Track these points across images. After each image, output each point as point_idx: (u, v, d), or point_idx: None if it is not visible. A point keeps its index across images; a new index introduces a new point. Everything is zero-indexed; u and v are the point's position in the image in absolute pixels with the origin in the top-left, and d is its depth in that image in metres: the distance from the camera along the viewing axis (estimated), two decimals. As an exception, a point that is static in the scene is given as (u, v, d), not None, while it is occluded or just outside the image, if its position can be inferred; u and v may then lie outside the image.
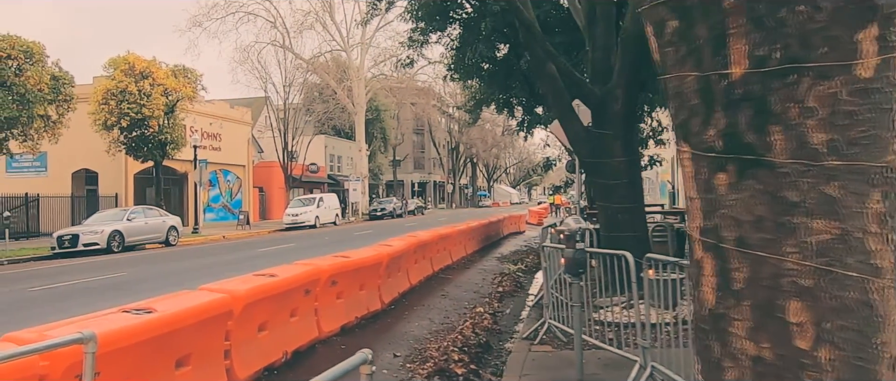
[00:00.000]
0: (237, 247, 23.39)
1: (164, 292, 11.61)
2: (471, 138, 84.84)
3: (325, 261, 7.86)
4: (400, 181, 75.73)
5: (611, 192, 9.78)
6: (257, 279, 6.30)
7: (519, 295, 11.86)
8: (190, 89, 28.21)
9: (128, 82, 25.80)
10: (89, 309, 9.91)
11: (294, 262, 7.76)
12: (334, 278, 7.74)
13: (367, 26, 50.21)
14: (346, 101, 50.74)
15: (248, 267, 15.42)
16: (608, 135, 9.77)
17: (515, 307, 10.60)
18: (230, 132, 41.24)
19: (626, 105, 9.75)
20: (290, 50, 47.14)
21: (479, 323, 8.82)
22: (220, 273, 14.29)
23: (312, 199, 40.12)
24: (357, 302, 8.62)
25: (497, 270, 15.22)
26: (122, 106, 25.79)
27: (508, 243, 23.30)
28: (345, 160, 60.30)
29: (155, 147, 27.77)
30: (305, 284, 7.03)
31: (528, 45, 10.25)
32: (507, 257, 17.88)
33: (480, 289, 12.23)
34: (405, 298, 10.77)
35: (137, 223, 23.37)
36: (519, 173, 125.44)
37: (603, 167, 9.83)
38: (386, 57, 52.63)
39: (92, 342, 3.22)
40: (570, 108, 10.50)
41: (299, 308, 6.98)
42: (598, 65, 10.14)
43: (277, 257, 18.17)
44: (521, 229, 29.82)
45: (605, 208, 9.92)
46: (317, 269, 7.33)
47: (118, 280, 13.98)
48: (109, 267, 16.76)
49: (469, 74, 24.49)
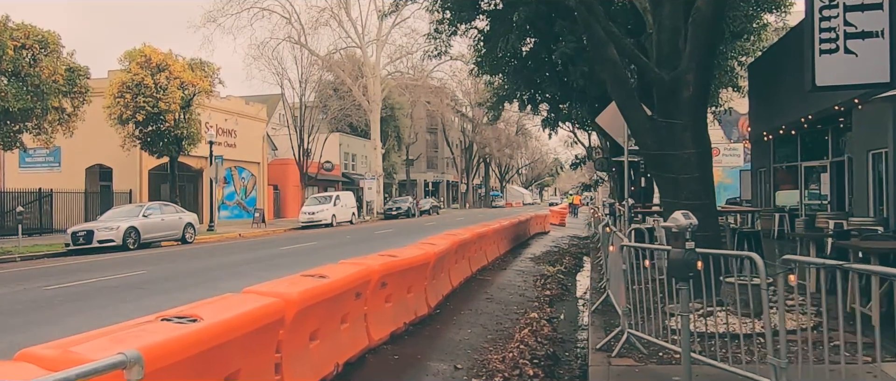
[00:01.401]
0: (256, 245, 22.63)
1: (190, 292, 10.88)
2: (485, 138, 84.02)
3: (375, 260, 7.02)
4: (413, 181, 75.06)
5: (679, 187, 8.90)
6: (307, 281, 5.47)
7: (567, 299, 11.01)
8: (207, 83, 27.47)
9: (144, 75, 25.07)
10: (110, 310, 9.20)
11: (339, 261, 6.93)
12: (384, 280, 6.92)
13: (382, 23, 49.60)
14: (362, 98, 49.98)
15: (275, 266, 14.67)
16: (677, 124, 8.89)
17: (569, 312, 9.75)
18: (245, 129, 40.54)
19: (698, 91, 8.89)
20: (306, 46, 46.42)
21: (538, 331, 7.98)
22: (247, 273, 13.52)
23: (329, 197, 39.36)
24: (405, 306, 7.79)
25: (535, 271, 14.37)
26: (138, 100, 25.07)
27: (536, 244, 22.42)
28: (359, 159, 59.56)
29: (170, 142, 27.03)
30: (357, 286, 6.20)
31: (588, 25, 9.37)
32: (542, 259, 17.01)
33: (525, 292, 11.38)
34: (449, 301, 9.93)
35: (154, 220, 22.65)
36: (531, 174, 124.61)
37: (670, 160, 8.96)
38: (402, 54, 52.01)
39: (137, 367, 2.39)
40: (632, 95, 9.64)
41: (350, 314, 6.16)
42: (664, 48, 9.24)
43: (302, 257, 17.40)
44: (546, 230, 28.92)
45: (673, 205, 9.00)
46: (368, 269, 6.50)
47: (138, 279, 13.21)
48: (127, 265, 16.01)
49: (496, 69, 23.68)
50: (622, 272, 6.70)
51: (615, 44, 9.20)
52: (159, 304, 9.57)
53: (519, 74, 22.78)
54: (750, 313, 7.43)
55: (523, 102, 25.47)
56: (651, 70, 9.02)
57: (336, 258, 16.95)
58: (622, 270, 6.68)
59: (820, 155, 18.25)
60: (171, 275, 13.91)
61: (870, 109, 14.07)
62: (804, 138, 18.93)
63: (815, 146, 18.62)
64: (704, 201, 8.94)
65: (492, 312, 9.40)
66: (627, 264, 6.66)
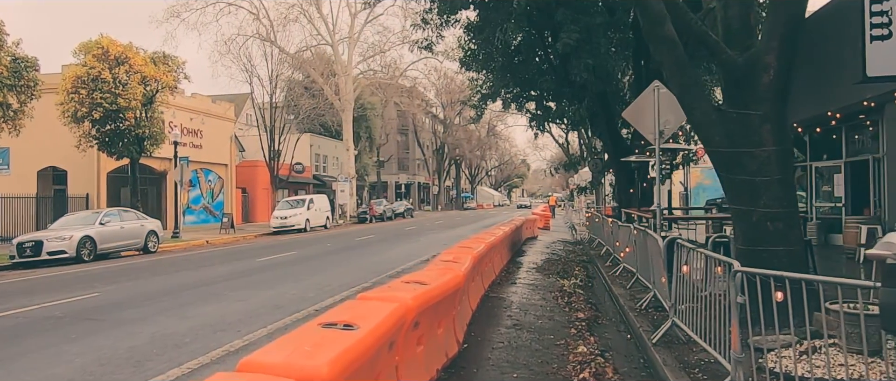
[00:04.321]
0: (228, 255, 20.62)
1: (154, 324, 8.66)
2: (456, 139, 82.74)
3: (404, 291, 5.28)
4: (384, 182, 73.28)
5: (757, 192, 7.35)
6: (333, 340, 3.72)
7: (605, 323, 9.37)
8: (171, 78, 25.31)
9: (101, 69, 22.86)
10: (49, 355, 6.87)
11: (359, 296, 5.16)
12: (418, 319, 5.20)
13: (354, 20, 47.73)
14: (334, 97, 48.01)
15: (255, 284, 12.68)
16: (753, 116, 7.34)
17: (617, 342, 8.11)
18: (212, 129, 38.30)
19: (780, 76, 7.33)
20: (275, 43, 44.29)
21: (601, 374, 6.35)
22: (224, 294, 11.56)
23: (302, 200, 37.38)
24: (436, 346, 6.08)
25: (548, 285, 12.74)
26: (95, 96, 22.85)
27: (531, 251, 20.83)
28: (331, 160, 57.55)
29: (131, 143, 24.82)
30: (391, 333, 4.47)
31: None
32: (547, 269, 15.39)
33: (552, 314, 9.72)
34: (472, 329, 8.24)
35: (112, 228, 20.49)
36: (500, 176, 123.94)
37: (744, 160, 7.40)
38: (374, 52, 50.22)
39: None
40: (696, 81, 8.06)
41: (382, 373, 4.42)
42: (732, 24, 7.69)
43: (284, 270, 15.54)
44: (535, 234, 27.35)
45: (746, 213, 7.47)
46: (403, 307, 4.78)
47: (90, 305, 11.08)
48: (79, 283, 13.93)
49: (484, 65, 22.13)
50: (737, 306, 5.05)
51: (676, 19, 7.62)
52: (114, 345, 7.68)
53: (507, 70, 21.25)
54: (862, 350, 5.93)
55: (508, 101, 23.97)
56: (723, 51, 7.44)
57: (322, 271, 15.11)
58: (738, 302, 5.03)
59: (832, 155, 16.95)
60: (131, 297, 11.81)
61: (911, 103, 12.83)
62: (812, 137, 17.68)
63: (825, 145, 17.36)
64: (787, 209, 7.40)
65: (527, 344, 7.71)
66: (745, 296, 5.02)
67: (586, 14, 16.61)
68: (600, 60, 17.11)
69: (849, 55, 11.32)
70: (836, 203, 16.91)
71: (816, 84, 13.19)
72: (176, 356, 7.03)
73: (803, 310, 5.58)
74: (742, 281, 5.05)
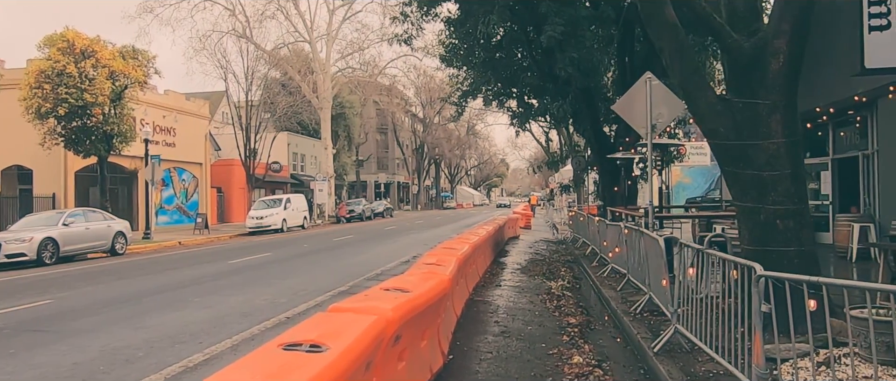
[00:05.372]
0: (199, 257, 19.77)
1: (106, 335, 7.83)
2: (436, 138, 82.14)
3: (384, 301, 4.61)
4: (363, 182, 72.44)
5: (765, 188, 6.79)
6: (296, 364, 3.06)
7: (598, 328, 8.77)
8: (141, 73, 24.33)
9: (66, 62, 21.87)
10: None
11: (330, 308, 4.48)
12: (400, 332, 4.54)
13: (332, 17, 46.88)
14: (311, 95, 47.08)
15: (223, 289, 11.84)
16: (761, 106, 6.80)
17: (614, 351, 7.50)
18: (186, 127, 37.25)
19: (791, 63, 6.79)
20: (251, 40, 43.27)
21: (601, 389, 5.76)
22: (189, 300, 10.73)
23: (278, 200, 36.50)
24: (420, 362, 5.42)
25: (535, 287, 12.16)
26: (60, 91, 21.84)
27: (514, 251, 20.25)
28: (308, 159, 56.59)
29: (99, 140, 23.84)
30: (368, 352, 3.81)
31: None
32: (531, 270, 14.81)
33: (542, 319, 9.12)
34: (457, 337, 7.60)
35: (76, 229, 19.52)
36: (480, 175, 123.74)
37: (751, 153, 6.84)
38: (353, 49, 49.41)
39: None
40: (697, 70, 7.50)
41: (356, 398, 3.74)
42: (738, 8, 7.13)
43: (256, 273, 14.75)
44: (517, 234, 26.78)
45: (753, 211, 6.91)
46: (382, 320, 4.12)
47: (39, 313, 10.11)
48: (34, 288, 13.02)
49: (465, 60, 21.57)
50: (761, 315, 4.46)
51: (677, 1, 7.05)
52: (56, 361, 6.89)
53: (488, 66, 20.69)
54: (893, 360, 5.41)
55: (489, 98, 23.42)
56: (729, 35, 6.87)
57: (297, 274, 14.35)
58: (762, 311, 4.43)
59: (818, 152, 16.55)
60: (87, 305, 10.86)
61: (907, 96, 12.41)
62: (799, 134, 17.27)
63: (810, 143, 16.98)
64: (799, 206, 6.85)
65: (518, 354, 7.09)
66: (771, 306, 4.42)
67: (571, 6, 16.12)
68: (585, 54, 16.61)
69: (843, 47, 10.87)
70: (823, 201, 16.50)
71: (805, 79, 12.73)
72: (125, 373, 6.24)
73: (824, 316, 5.06)
74: (765, 288, 4.46)
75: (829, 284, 4.12)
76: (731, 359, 5.47)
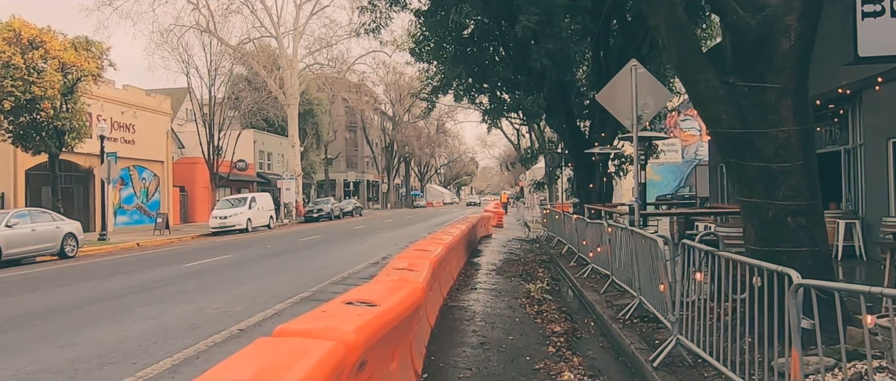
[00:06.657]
0: (155, 259, 18.63)
1: (25, 356, 6.76)
2: (405, 136, 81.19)
3: (346, 320, 3.76)
4: (332, 180, 71.17)
5: (773, 181, 6.11)
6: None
7: (584, 336, 8.01)
8: (94, 65, 23.02)
9: (12, 53, 20.50)
10: None
11: (277, 330, 3.58)
12: (364, 358, 3.69)
13: (299, 11, 45.68)
14: (278, 92, 45.80)
15: (170, 296, 10.71)
16: (771, 90, 6.11)
17: (606, 363, 6.76)
18: (146, 123, 35.80)
19: (803, 42, 6.11)
20: (215, 34, 41.86)
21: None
22: (129, 310, 9.64)
23: (243, 199, 35.29)
24: (389, 388, 4.59)
25: (512, 290, 11.41)
26: (5, 83, 20.48)
27: (488, 251, 19.53)
28: (275, 157, 55.25)
29: (49, 136, 22.50)
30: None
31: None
32: (507, 271, 14.08)
33: (523, 327, 8.34)
34: (432, 351, 6.79)
35: (21, 231, 18.23)
36: (450, 173, 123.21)
37: (758, 142, 6.15)
38: (321, 45, 48.29)
39: None
40: (697, 50, 6.77)
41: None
42: (742, -18, 6.43)
43: (211, 277, 13.74)
44: (489, 233, 26.06)
45: (761, 207, 6.21)
46: (342, 346, 3.28)
47: None
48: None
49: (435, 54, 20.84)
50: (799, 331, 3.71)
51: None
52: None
53: (459, 60, 19.90)
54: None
55: (460, 94, 22.69)
56: (733, 11, 6.16)
57: (257, 278, 13.30)
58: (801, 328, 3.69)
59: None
60: (13, 316, 9.61)
61: (890, 89, 11.93)
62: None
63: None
64: (811, 202, 6.18)
65: (501, 370, 6.30)
66: (815, 321, 3.69)
67: None
68: (561, 45, 15.95)
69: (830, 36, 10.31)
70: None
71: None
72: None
73: (837, 325, 4.39)
74: (804, 299, 3.74)
75: (889, 293, 3.39)
76: (744, 374, 4.83)
